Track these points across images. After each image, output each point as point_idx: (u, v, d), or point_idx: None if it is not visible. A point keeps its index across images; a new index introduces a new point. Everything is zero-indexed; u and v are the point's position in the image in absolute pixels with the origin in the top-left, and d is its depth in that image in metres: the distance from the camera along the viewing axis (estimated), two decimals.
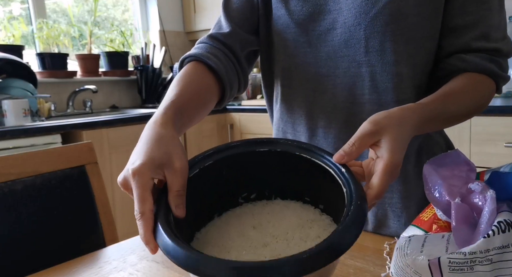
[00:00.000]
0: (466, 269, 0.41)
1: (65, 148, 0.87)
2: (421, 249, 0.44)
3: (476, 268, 0.40)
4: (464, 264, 0.41)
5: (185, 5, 2.83)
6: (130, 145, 1.97)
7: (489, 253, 0.40)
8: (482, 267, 0.40)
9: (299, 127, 0.75)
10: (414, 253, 0.43)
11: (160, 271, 0.56)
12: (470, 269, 0.41)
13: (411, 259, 0.43)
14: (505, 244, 0.41)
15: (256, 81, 2.77)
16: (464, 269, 0.41)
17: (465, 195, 0.46)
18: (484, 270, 0.40)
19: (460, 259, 0.41)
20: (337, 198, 0.41)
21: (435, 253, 0.42)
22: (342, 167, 0.42)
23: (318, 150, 0.44)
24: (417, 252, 0.43)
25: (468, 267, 0.41)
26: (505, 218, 0.42)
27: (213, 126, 2.30)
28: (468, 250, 0.41)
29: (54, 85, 2.28)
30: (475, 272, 0.41)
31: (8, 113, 1.78)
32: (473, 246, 0.41)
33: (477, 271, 0.40)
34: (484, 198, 0.43)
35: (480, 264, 0.40)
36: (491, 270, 0.41)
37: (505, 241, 0.41)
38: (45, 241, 0.80)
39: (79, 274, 0.57)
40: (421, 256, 0.42)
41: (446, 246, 0.44)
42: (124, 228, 1.90)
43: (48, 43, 2.28)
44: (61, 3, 2.50)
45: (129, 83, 2.63)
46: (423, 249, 0.44)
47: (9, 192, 0.76)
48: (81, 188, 0.87)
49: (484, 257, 0.40)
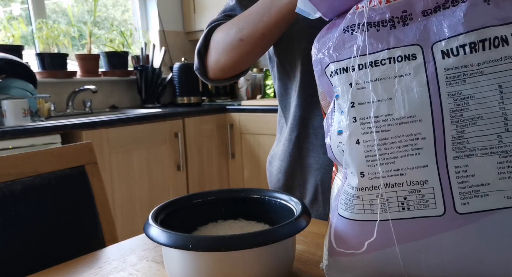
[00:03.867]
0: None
1: (65, 148, 0.87)
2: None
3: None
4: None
5: (185, 5, 2.83)
6: (130, 145, 1.99)
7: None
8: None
9: (319, 111, 0.76)
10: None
11: (160, 271, 0.56)
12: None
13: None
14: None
15: (256, 81, 2.77)
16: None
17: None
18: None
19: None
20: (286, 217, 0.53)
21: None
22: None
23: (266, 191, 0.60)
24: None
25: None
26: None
27: (213, 126, 2.30)
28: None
29: (53, 86, 2.28)
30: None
31: (7, 113, 1.78)
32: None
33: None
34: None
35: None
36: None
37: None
38: (44, 241, 0.79)
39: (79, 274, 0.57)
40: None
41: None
42: (124, 228, 1.90)
43: (48, 43, 2.28)
44: (61, 3, 2.50)
45: (128, 83, 2.63)
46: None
47: (9, 192, 0.76)
48: (81, 188, 0.87)
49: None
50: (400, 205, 0.40)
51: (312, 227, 0.68)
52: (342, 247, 0.44)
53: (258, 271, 0.46)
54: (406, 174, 0.40)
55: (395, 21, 0.41)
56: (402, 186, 0.40)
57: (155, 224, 0.48)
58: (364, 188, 0.41)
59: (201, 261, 0.46)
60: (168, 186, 2.11)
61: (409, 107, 0.39)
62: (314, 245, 0.62)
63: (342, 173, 0.45)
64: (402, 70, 0.40)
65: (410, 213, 0.40)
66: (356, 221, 0.42)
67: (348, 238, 0.43)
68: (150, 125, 2.00)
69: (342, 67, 0.43)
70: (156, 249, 0.64)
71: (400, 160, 0.40)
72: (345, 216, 0.43)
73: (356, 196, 0.42)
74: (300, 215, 0.49)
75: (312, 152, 0.79)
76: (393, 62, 0.40)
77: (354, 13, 0.43)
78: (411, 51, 0.40)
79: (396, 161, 0.40)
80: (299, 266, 0.55)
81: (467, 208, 0.39)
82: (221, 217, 0.60)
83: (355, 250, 0.43)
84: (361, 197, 0.41)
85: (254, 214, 0.60)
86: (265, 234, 0.45)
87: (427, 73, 0.39)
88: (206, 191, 0.62)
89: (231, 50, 0.70)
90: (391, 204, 0.40)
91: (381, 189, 0.40)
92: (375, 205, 0.41)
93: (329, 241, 0.46)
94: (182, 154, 2.14)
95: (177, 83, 2.57)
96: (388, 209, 0.40)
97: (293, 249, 0.52)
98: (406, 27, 0.41)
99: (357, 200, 0.42)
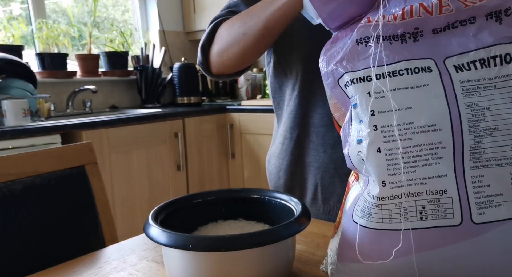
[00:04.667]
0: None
1: (65, 148, 0.87)
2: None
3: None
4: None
5: (185, 5, 2.83)
6: (130, 145, 1.99)
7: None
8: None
9: (320, 109, 0.76)
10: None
11: (160, 271, 0.56)
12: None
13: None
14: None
15: (256, 81, 2.77)
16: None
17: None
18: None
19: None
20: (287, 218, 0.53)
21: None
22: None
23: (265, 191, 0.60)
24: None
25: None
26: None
27: (213, 126, 2.30)
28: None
29: (53, 85, 2.28)
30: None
31: (7, 113, 1.78)
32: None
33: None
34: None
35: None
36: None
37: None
38: (44, 241, 0.79)
39: (79, 274, 0.57)
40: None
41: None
42: (124, 228, 1.90)
43: (48, 43, 2.28)
44: (61, 3, 2.50)
45: (128, 84, 2.63)
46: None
47: (9, 192, 0.76)
48: (81, 188, 0.87)
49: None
50: (419, 215, 0.40)
51: (312, 227, 0.68)
52: (352, 254, 0.43)
53: (258, 271, 0.46)
54: (426, 183, 0.40)
55: (406, 37, 0.43)
56: (421, 195, 0.40)
57: (155, 224, 0.48)
58: (385, 197, 0.41)
59: (201, 261, 0.46)
60: (168, 186, 2.11)
61: (430, 116, 0.40)
62: (314, 245, 0.62)
63: (363, 180, 0.44)
64: (420, 81, 0.41)
65: (427, 222, 0.40)
66: (372, 229, 0.42)
67: (361, 245, 0.43)
68: (150, 125, 2.00)
69: (359, 76, 0.43)
70: (156, 249, 0.64)
71: (421, 169, 0.40)
72: (360, 223, 0.43)
73: (375, 204, 0.41)
74: (300, 215, 0.49)
75: (312, 150, 0.79)
76: (411, 73, 0.41)
77: (367, 26, 0.44)
78: (425, 64, 0.41)
79: (417, 170, 0.40)
80: (299, 266, 0.55)
81: (483, 217, 0.39)
82: (221, 217, 0.61)
83: (368, 258, 0.42)
84: (380, 206, 0.41)
85: (254, 214, 0.60)
86: (265, 234, 0.45)
87: (443, 84, 0.40)
88: (206, 191, 0.62)
89: (234, 45, 0.71)
90: (410, 213, 0.40)
91: (403, 197, 0.40)
92: (394, 214, 0.41)
93: (339, 246, 0.45)
94: (182, 154, 2.14)
95: (177, 83, 2.57)
96: (407, 218, 0.40)
97: (293, 249, 0.52)
98: (416, 42, 0.42)
99: (375, 209, 0.41)
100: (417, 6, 0.42)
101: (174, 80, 2.58)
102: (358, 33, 0.44)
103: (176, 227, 0.48)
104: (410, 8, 0.42)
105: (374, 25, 0.43)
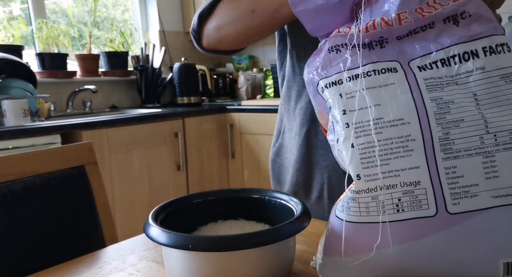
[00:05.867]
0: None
1: (65, 148, 0.87)
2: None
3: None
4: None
5: (185, 5, 2.83)
6: (130, 145, 1.99)
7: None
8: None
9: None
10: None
11: (160, 271, 0.56)
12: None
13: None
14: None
15: (256, 81, 2.77)
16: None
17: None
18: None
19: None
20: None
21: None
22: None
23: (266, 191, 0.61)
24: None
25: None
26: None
27: (213, 126, 2.30)
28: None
29: (53, 85, 2.28)
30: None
31: (7, 113, 1.78)
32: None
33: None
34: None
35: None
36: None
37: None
38: (44, 241, 0.79)
39: (79, 274, 0.57)
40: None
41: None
42: (124, 228, 1.90)
43: (48, 43, 2.28)
44: (60, 3, 2.50)
45: (128, 83, 2.63)
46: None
47: (9, 192, 0.76)
48: (81, 188, 0.87)
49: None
50: (395, 207, 0.41)
51: (312, 227, 0.68)
52: (335, 248, 0.44)
53: (258, 271, 0.46)
54: (399, 175, 0.41)
55: (373, 44, 0.47)
56: (396, 187, 0.41)
57: (155, 224, 0.48)
58: (361, 190, 0.42)
59: (201, 261, 0.46)
60: (168, 186, 2.11)
61: (397, 111, 0.42)
62: (314, 245, 0.62)
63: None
64: (387, 80, 0.44)
65: (404, 214, 0.41)
66: (351, 223, 0.43)
67: (343, 239, 0.44)
68: (150, 125, 2.00)
69: (331, 81, 0.47)
70: (156, 249, 0.64)
71: (393, 161, 0.41)
72: (341, 217, 0.44)
73: (352, 198, 0.43)
74: (300, 215, 0.49)
75: (320, 149, 0.78)
76: (378, 74, 0.44)
77: (336, 35, 0.48)
78: (391, 65, 0.44)
79: (390, 162, 0.41)
80: (299, 266, 0.55)
81: (458, 208, 0.40)
82: (221, 217, 0.61)
83: (349, 251, 0.43)
84: (357, 200, 0.42)
85: (254, 214, 0.60)
86: (265, 234, 0.45)
87: (409, 82, 0.43)
88: (206, 191, 0.62)
89: (238, 21, 0.66)
90: (386, 206, 0.41)
91: (378, 190, 0.41)
92: (371, 207, 0.42)
93: (325, 241, 0.46)
94: (182, 154, 2.14)
95: (177, 83, 2.57)
96: (384, 211, 0.41)
97: (293, 249, 0.52)
98: (383, 48, 0.46)
99: (353, 202, 0.43)
100: (379, 20, 0.45)
101: (174, 80, 2.58)
102: (329, 42, 0.48)
103: (176, 227, 0.48)
104: (373, 22, 0.45)
105: (342, 35, 0.48)
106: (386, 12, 0.46)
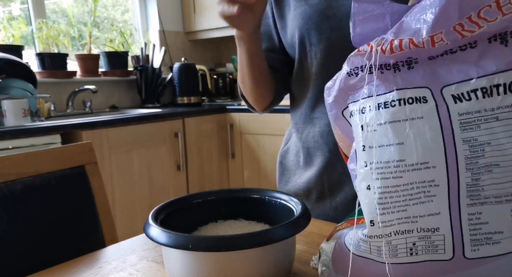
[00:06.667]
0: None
1: (65, 148, 0.87)
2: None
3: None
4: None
5: (185, 5, 2.83)
6: (130, 145, 1.98)
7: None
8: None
9: (324, 109, 0.77)
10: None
11: (160, 271, 0.56)
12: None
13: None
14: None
15: None
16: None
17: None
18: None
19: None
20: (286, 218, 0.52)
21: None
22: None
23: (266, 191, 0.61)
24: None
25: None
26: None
27: (213, 126, 2.30)
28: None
29: (53, 85, 2.28)
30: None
31: (7, 113, 1.78)
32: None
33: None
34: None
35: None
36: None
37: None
38: (44, 241, 0.79)
39: (79, 274, 0.57)
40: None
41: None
42: (124, 228, 1.90)
43: (48, 43, 2.28)
44: (60, 3, 2.50)
45: (128, 84, 2.63)
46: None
47: (9, 192, 0.76)
48: (81, 188, 0.87)
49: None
50: (409, 251, 0.39)
51: (312, 227, 0.68)
52: (343, 268, 0.43)
53: (258, 271, 0.46)
54: (417, 221, 0.38)
55: (399, 65, 0.40)
56: (412, 232, 0.38)
57: (155, 224, 0.48)
58: (374, 236, 0.39)
59: (201, 261, 0.46)
60: (168, 186, 2.11)
61: (422, 153, 0.37)
62: (314, 245, 0.62)
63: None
64: (414, 113, 0.37)
65: (418, 257, 0.39)
66: (360, 257, 0.42)
67: (349, 267, 0.42)
68: (150, 125, 2.00)
69: (356, 108, 0.41)
70: (156, 249, 0.64)
71: (411, 207, 0.38)
72: (349, 249, 0.43)
73: (364, 240, 0.41)
74: (300, 215, 0.49)
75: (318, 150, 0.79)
76: (404, 104, 0.38)
77: (356, 55, 0.41)
78: (421, 93, 0.38)
79: (408, 209, 0.38)
80: (299, 266, 0.55)
81: (476, 254, 0.37)
82: (221, 217, 0.61)
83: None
84: (369, 242, 0.40)
85: (254, 214, 0.60)
86: (265, 234, 0.45)
87: (440, 117, 0.37)
88: (206, 191, 0.63)
89: (244, 92, 0.87)
90: (399, 250, 0.39)
91: (392, 236, 0.39)
92: (383, 250, 0.39)
93: (333, 258, 0.46)
94: (182, 154, 2.14)
95: (177, 83, 2.57)
96: (396, 254, 0.39)
97: (293, 249, 0.52)
98: (411, 70, 0.39)
99: (364, 243, 0.41)
100: (407, 41, 0.37)
101: (174, 80, 2.58)
102: (348, 64, 0.42)
103: (176, 227, 0.48)
104: (400, 43, 0.38)
105: (361, 54, 0.41)
106: (416, 31, 0.37)
